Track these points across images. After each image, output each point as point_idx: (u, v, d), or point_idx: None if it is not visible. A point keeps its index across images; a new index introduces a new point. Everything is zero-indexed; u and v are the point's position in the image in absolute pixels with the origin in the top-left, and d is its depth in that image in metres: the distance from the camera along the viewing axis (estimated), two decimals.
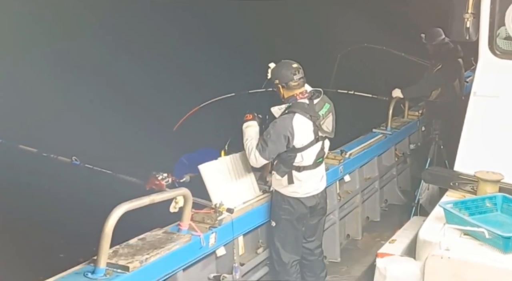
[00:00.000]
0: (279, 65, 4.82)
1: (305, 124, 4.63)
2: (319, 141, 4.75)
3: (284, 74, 4.71)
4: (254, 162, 4.64)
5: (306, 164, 4.75)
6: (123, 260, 3.56)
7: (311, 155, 4.74)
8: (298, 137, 4.60)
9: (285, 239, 4.88)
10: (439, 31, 7.38)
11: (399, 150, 7.91)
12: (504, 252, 3.59)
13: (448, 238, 3.76)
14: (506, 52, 4.96)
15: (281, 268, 4.92)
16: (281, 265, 4.92)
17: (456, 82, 7.37)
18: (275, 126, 4.60)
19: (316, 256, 5.18)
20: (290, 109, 4.64)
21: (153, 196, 3.75)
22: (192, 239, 4.03)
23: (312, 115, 4.65)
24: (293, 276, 4.97)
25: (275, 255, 4.94)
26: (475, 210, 4.06)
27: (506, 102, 4.85)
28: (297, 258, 4.97)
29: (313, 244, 5.12)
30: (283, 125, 4.58)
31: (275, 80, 4.76)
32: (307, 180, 4.80)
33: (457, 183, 4.67)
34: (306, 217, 4.94)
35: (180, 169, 5.03)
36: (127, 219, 3.52)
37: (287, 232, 4.87)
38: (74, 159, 4.85)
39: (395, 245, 4.52)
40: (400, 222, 5.96)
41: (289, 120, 4.58)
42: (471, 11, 4.83)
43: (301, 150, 4.67)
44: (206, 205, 4.41)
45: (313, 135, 4.68)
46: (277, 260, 4.93)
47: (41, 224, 7.33)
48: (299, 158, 4.70)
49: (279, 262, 4.91)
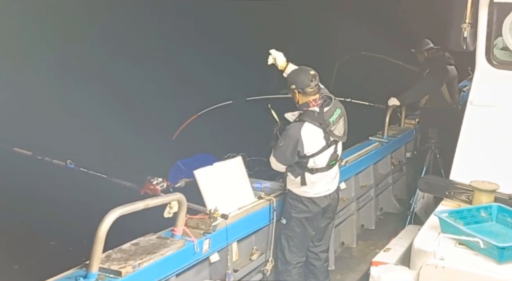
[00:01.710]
0: (297, 70, 4.92)
1: (315, 132, 4.71)
2: (332, 145, 4.84)
3: (301, 80, 4.79)
4: (274, 167, 4.85)
5: (319, 167, 4.85)
6: (115, 265, 3.54)
7: (323, 159, 4.83)
8: (308, 145, 4.69)
9: (293, 238, 4.95)
10: (427, 41, 7.68)
11: (395, 158, 7.90)
12: (499, 262, 3.58)
13: (443, 247, 3.75)
14: (503, 62, 4.97)
15: (284, 268, 4.98)
16: (284, 264, 4.98)
17: (444, 88, 7.42)
18: (285, 135, 4.71)
19: (321, 261, 5.24)
20: (300, 117, 4.74)
21: (147, 201, 3.72)
22: (186, 244, 4.01)
23: (322, 123, 4.73)
24: (295, 278, 5.01)
25: (280, 253, 5.00)
26: (470, 220, 4.06)
27: (502, 112, 4.86)
28: (301, 260, 5.03)
29: (320, 248, 5.19)
30: (292, 135, 4.67)
31: (292, 85, 4.82)
32: (318, 182, 4.90)
33: (453, 192, 4.67)
34: (317, 217, 5.02)
35: (175, 174, 5.02)
36: (121, 224, 3.50)
37: (296, 231, 4.94)
38: (69, 162, 4.83)
39: (390, 253, 4.52)
40: (395, 230, 5.96)
41: (297, 130, 4.67)
42: (469, 21, 4.85)
43: (313, 155, 4.76)
44: (200, 210, 4.39)
45: (324, 141, 4.76)
46: (281, 258, 4.99)
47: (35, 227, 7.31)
48: (311, 163, 4.79)
49: (283, 261, 4.98)
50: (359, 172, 6.85)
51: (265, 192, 5.18)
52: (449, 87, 7.50)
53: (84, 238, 3.70)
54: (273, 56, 5.26)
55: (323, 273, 5.28)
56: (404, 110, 8.03)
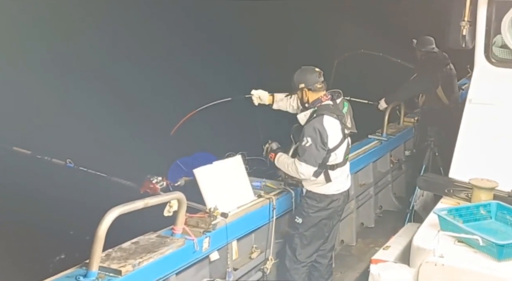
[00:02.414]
0: (302, 70, 4.96)
1: (334, 124, 4.78)
2: (346, 138, 4.93)
3: (309, 77, 4.87)
4: (306, 174, 4.77)
5: (338, 162, 4.91)
6: (115, 263, 3.54)
7: (341, 153, 4.91)
8: (331, 137, 4.75)
9: (307, 237, 4.98)
10: (431, 40, 7.62)
11: (395, 156, 7.91)
12: (498, 259, 3.59)
13: (442, 245, 3.76)
14: (502, 60, 4.98)
15: (293, 266, 5.00)
16: (294, 262, 5.00)
17: (439, 89, 7.44)
18: (310, 132, 4.71)
19: (327, 259, 5.29)
20: (317, 112, 4.77)
21: (147, 200, 3.73)
22: (186, 243, 4.01)
23: (339, 114, 4.82)
24: (302, 277, 5.05)
25: (290, 252, 5.01)
26: (469, 218, 4.07)
27: (501, 109, 4.87)
28: (312, 259, 5.08)
29: (328, 246, 5.24)
30: (318, 128, 4.70)
31: (300, 84, 4.88)
32: (339, 177, 4.97)
33: (452, 190, 4.68)
34: (335, 215, 5.08)
35: (175, 173, 5.02)
36: (121, 223, 3.50)
37: (312, 230, 4.97)
38: (68, 161, 4.83)
39: (389, 251, 4.52)
40: (395, 228, 5.95)
41: (320, 123, 4.71)
42: (468, 19, 4.85)
43: (334, 149, 4.82)
44: (200, 209, 4.39)
45: (341, 133, 4.84)
46: (290, 257, 5.00)
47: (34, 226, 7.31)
48: (333, 157, 4.84)
49: (293, 260, 4.99)
50: (358, 170, 6.86)
51: (265, 191, 5.18)
52: (446, 87, 7.52)
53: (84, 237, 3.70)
54: (256, 95, 5.30)
55: (328, 271, 5.32)
56: (403, 109, 8.05)
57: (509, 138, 4.77)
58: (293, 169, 4.80)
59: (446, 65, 7.57)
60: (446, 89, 7.52)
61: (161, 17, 13.24)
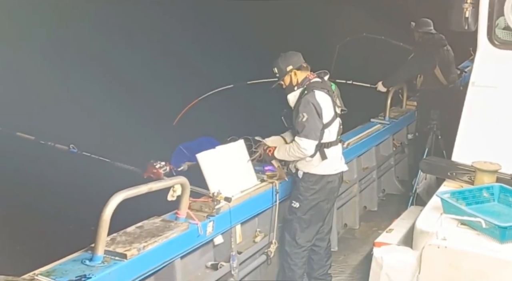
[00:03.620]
0: (285, 55, 4.97)
1: (326, 99, 4.81)
2: (337, 117, 4.94)
3: (295, 59, 4.92)
4: (308, 149, 4.72)
5: (332, 140, 4.92)
6: (120, 247, 3.56)
7: (334, 131, 4.93)
8: (325, 111, 4.78)
9: (306, 221, 4.98)
10: (429, 22, 7.65)
11: (397, 140, 7.92)
12: (501, 242, 3.60)
13: (445, 228, 3.77)
14: (505, 42, 4.95)
15: (293, 250, 5.01)
16: (294, 247, 5.00)
17: (437, 70, 7.44)
18: (304, 106, 4.72)
19: (325, 242, 5.30)
20: (307, 89, 4.79)
21: (150, 185, 3.74)
22: (190, 227, 4.03)
23: (329, 90, 4.86)
24: (303, 261, 5.07)
25: (289, 236, 5.02)
26: (472, 200, 4.08)
27: (504, 92, 4.85)
28: (311, 243, 5.10)
29: (325, 228, 5.25)
30: (312, 102, 4.72)
31: (288, 67, 4.89)
32: (334, 156, 4.98)
33: (455, 173, 4.68)
34: (332, 197, 5.10)
35: (178, 158, 5.02)
36: (125, 207, 3.52)
37: (311, 213, 4.98)
38: (71, 146, 4.84)
39: (392, 234, 4.54)
40: (398, 211, 5.98)
41: (312, 97, 4.73)
42: (470, 1, 4.82)
43: (327, 125, 4.83)
44: (204, 193, 4.40)
45: (333, 110, 4.86)
46: (290, 242, 5.01)
47: (39, 211, 7.35)
48: (326, 134, 4.85)
49: (293, 244, 5.00)
50: (361, 154, 6.86)
51: (268, 175, 5.19)
52: (443, 68, 7.51)
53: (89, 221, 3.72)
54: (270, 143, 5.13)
55: (327, 254, 5.34)
56: (405, 92, 8.03)
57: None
58: (295, 149, 4.76)
59: (443, 46, 7.57)
60: (443, 70, 7.52)
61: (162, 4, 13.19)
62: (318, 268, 5.28)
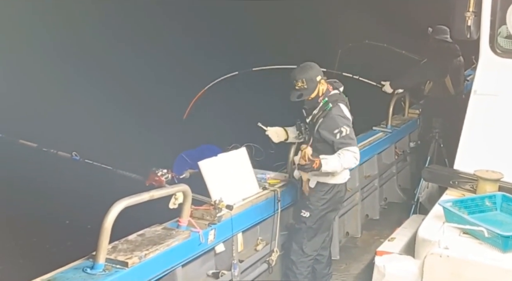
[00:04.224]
0: (310, 65, 4.88)
1: (348, 112, 4.86)
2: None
3: (319, 69, 4.89)
4: (358, 157, 4.77)
5: None
6: (122, 255, 3.56)
7: None
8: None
9: (315, 230, 4.98)
10: (446, 30, 7.50)
11: (399, 148, 7.90)
12: (503, 251, 3.59)
13: (447, 236, 3.76)
14: (507, 50, 4.95)
15: (299, 259, 4.98)
16: (300, 255, 4.98)
17: (448, 79, 7.40)
18: (340, 121, 4.72)
19: (328, 250, 5.30)
20: (331, 102, 4.78)
21: (152, 192, 3.74)
22: (191, 235, 4.03)
23: (347, 102, 4.90)
24: (308, 270, 5.06)
25: (296, 245, 4.99)
26: (474, 209, 4.06)
27: (506, 100, 4.85)
28: (317, 253, 5.09)
29: (328, 237, 5.25)
30: (345, 114, 4.78)
31: (317, 77, 4.82)
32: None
33: (457, 181, 4.67)
34: (339, 206, 5.17)
35: (180, 165, 5.03)
36: (127, 215, 3.52)
37: (320, 223, 4.98)
38: (74, 154, 4.85)
39: (394, 243, 4.53)
40: (400, 220, 5.97)
41: (341, 111, 4.77)
42: (473, 9, 4.82)
43: None
44: (205, 201, 4.40)
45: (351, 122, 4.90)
46: (297, 251, 4.99)
47: (41, 219, 7.35)
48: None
49: (299, 253, 4.98)
50: (363, 162, 6.83)
51: (269, 183, 5.18)
52: (454, 78, 7.48)
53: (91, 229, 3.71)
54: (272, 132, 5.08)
55: (328, 263, 5.33)
56: (407, 100, 8.02)
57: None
58: (350, 159, 4.69)
59: (457, 56, 7.52)
60: (454, 80, 7.48)
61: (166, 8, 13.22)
62: (321, 277, 5.26)
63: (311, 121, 4.88)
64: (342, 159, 4.67)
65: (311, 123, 4.88)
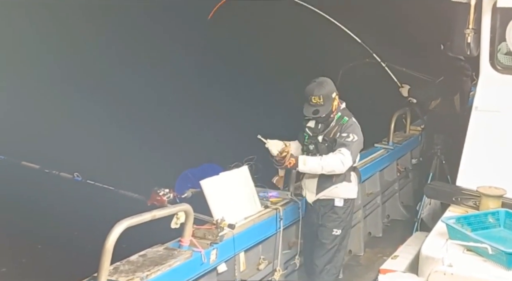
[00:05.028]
0: (326, 81, 4.91)
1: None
2: None
3: (332, 84, 4.93)
4: (346, 164, 4.73)
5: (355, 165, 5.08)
6: (123, 277, 3.55)
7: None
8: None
9: (345, 246, 5.14)
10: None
11: (401, 165, 7.88)
12: (508, 268, 3.57)
13: (451, 254, 3.74)
14: (507, 67, 4.98)
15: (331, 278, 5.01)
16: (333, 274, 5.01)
17: (457, 97, 7.39)
18: (354, 129, 4.81)
19: None
20: (345, 115, 4.89)
21: (154, 212, 3.74)
22: (193, 255, 4.01)
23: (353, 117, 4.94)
24: None
25: (329, 265, 4.98)
26: (477, 226, 4.05)
27: (507, 116, 4.86)
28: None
29: None
30: (358, 129, 4.83)
31: (333, 93, 4.87)
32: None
33: (460, 198, 4.66)
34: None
35: (182, 184, 5.02)
36: (128, 235, 3.51)
37: (347, 237, 5.12)
38: (76, 175, 4.86)
39: (398, 261, 4.50)
40: (403, 237, 5.92)
41: (357, 124, 4.86)
42: (472, 26, 4.85)
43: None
44: (207, 220, 4.39)
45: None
46: (329, 270, 4.99)
47: (43, 240, 7.33)
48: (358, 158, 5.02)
49: (332, 272, 5.00)
50: (365, 180, 6.82)
51: (271, 201, 5.17)
52: (462, 96, 7.47)
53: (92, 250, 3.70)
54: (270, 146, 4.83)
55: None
56: (409, 116, 8.02)
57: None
58: (335, 160, 4.68)
59: (467, 76, 7.51)
60: (461, 98, 7.47)
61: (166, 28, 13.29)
62: None
63: (326, 136, 4.89)
64: (323, 161, 4.70)
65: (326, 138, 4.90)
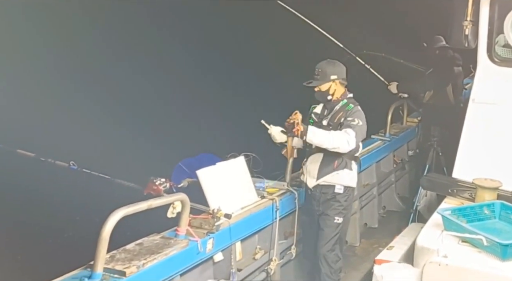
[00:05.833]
0: (334, 62, 4.91)
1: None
2: None
3: (341, 70, 4.89)
4: (351, 144, 4.67)
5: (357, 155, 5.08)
6: (120, 265, 3.55)
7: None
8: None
9: (345, 232, 5.18)
10: (440, 38, 7.53)
11: (398, 156, 7.91)
12: (502, 259, 3.58)
13: (446, 245, 3.75)
14: (505, 59, 4.98)
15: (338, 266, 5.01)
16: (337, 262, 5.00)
17: (449, 88, 7.41)
18: (360, 115, 4.80)
19: None
20: (351, 103, 4.87)
21: (150, 201, 3.74)
22: (190, 244, 4.02)
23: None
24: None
25: (332, 254, 4.98)
26: (473, 217, 4.06)
27: (504, 109, 4.87)
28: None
29: None
30: (363, 116, 4.82)
31: (332, 75, 4.84)
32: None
33: (455, 190, 4.67)
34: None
35: (178, 174, 5.03)
36: (125, 224, 3.51)
37: (347, 224, 5.18)
38: (71, 163, 4.85)
39: (393, 251, 4.51)
40: (398, 228, 5.96)
41: (362, 112, 4.83)
42: (470, 18, 4.86)
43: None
44: (203, 210, 4.40)
45: None
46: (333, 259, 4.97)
47: (39, 228, 7.32)
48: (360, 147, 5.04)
49: (335, 259, 4.98)
50: (361, 171, 6.83)
51: (268, 191, 5.18)
52: (454, 87, 7.48)
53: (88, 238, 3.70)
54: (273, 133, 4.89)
55: None
56: (406, 109, 8.04)
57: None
58: (340, 137, 4.65)
59: (458, 66, 7.54)
60: (454, 89, 7.49)
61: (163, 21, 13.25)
62: None
63: (331, 121, 4.89)
64: (331, 135, 4.67)
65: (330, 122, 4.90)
